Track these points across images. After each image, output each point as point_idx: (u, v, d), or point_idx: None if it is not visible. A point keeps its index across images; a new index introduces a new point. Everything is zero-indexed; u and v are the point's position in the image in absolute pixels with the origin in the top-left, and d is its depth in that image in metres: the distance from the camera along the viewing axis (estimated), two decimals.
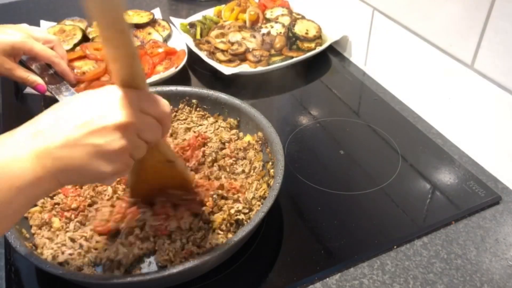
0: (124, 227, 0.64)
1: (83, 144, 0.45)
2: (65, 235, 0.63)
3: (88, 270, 0.60)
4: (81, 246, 0.62)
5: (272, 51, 1.08)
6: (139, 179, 0.63)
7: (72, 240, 0.63)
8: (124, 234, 0.64)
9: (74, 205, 0.66)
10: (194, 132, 0.81)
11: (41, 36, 0.89)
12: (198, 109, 0.85)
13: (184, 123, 0.83)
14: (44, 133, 0.45)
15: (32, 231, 0.65)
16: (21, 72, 0.86)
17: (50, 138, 0.44)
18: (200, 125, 0.82)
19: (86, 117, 0.45)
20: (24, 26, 0.90)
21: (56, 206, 0.67)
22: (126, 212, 0.66)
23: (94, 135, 0.45)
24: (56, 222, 0.65)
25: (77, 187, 0.70)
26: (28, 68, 0.90)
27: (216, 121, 0.83)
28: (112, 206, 0.67)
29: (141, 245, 0.63)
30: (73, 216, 0.66)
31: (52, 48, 0.90)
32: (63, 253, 0.61)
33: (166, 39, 1.16)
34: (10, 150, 0.44)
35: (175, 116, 0.84)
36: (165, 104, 0.50)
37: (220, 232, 0.64)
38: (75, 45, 1.07)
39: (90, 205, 0.68)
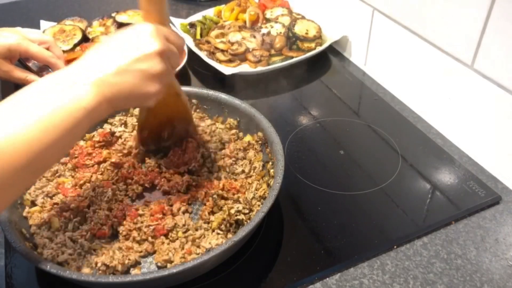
0: (122, 230, 0.64)
1: (132, 69, 0.53)
2: (64, 235, 0.63)
3: (87, 271, 0.60)
4: (81, 246, 0.62)
5: (272, 51, 1.08)
6: (151, 112, 0.70)
7: (72, 240, 0.63)
8: (123, 237, 0.64)
9: (73, 205, 0.66)
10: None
11: (36, 38, 0.90)
12: (197, 110, 0.85)
13: None
14: (96, 65, 0.52)
15: (32, 230, 0.65)
16: (19, 73, 0.86)
17: (103, 68, 0.52)
18: (198, 126, 0.82)
19: (131, 47, 0.54)
20: (19, 29, 0.90)
21: (55, 206, 0.67)
22: (124, 214, 0.66)
23: (140, 62, 0.53)
24: (55, 222, 0.65)
25: (76, 187, 0.70)
26: (27, 68, 0.90)
27: (214, 124, 0.83)
28: (109, 209, 0.66)
29: (139, 247, 0.63)
30: (72, 216, 0.66)
31: (48, 49, 0.90)
32: (63, 253, 0.61)
33: None
34: (70, 79, 0.51)
35: None
36: (181, 37, 0.61)
37: (220, 232, 0.64)
38: (75, 45, 1.07)
39: (88, 206, 0.68)
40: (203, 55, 1.06)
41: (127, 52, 0.54)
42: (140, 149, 0.77)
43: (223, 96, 0.82)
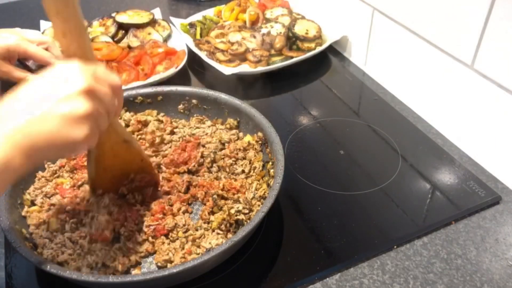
0: (123, 231, 0.64)
1: (51, 115, 0.46)
2: (63, 235, 0.63)
3: (87, 271, 0.59)
4: (81, 247, 0.62)
5: (272, 51, 1.08)
6: (100, 166, 0.62)
7: (72, 241, 0.63)
8: (125, 238, 0.64)
9: (69, 208, 0.66)
10: (192, 135, 0.81)
11: (35, 38, 0.90)
12: (196, 115, 0.85)
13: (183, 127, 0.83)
14: (9, 115, 0.46)
15: (30, 230, 0.65)
16: (19, 73, 0.86)
17: (16, 118, 0.45)
18: (197, 128, 0.82)
19: (48, 91, 0.47)
20: (18, 29, 0.90)
21: (52, 206, 0.67)
22: (125, 216, 0.66)
23: (60, 104, 0.46)
24: (53, 223, 0.65)
25: (74, 187, 0.70)
26: (26, 68, 0.90)
27: (214, 125, 0.83)
28: (109, 213, 0.65)
29: (139, 248, 0.63)
30: (68, 218, 0.65)
31: (47, 49, 0.90)
32: (63, 253, 0.61)
33: (166, 39, 1.16)
34: None
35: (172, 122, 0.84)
36: (116, 77, 0.53)
37: (220, 232, 0.64)
38: None
39: (85, 213, 0.66)
40: (203, 55, 1.06)
41: (43, 95, 0.47)
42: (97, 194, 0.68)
43: (223, 96, 0.82)
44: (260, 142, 0.78)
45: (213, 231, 0.65)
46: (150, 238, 0.64)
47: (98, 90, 0.49)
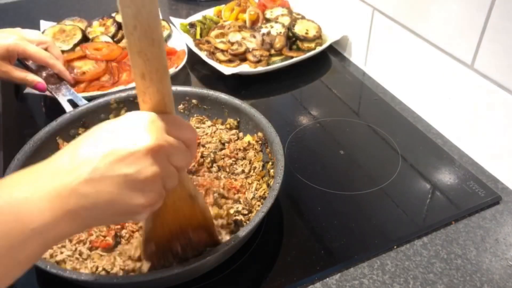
0: (125, 233, 0.64)
1: (112, 175, 0.40)
2: None
3: (86, 271, 0.59)
4: (80, 254, 0.61)
5: (272, 51, 1.08)
6: (158, 220, 0.54)
7: (71, 242, 0.63)
8: (125, 240, 0.64)
9: None
10: None
11: (34, 38, 0.90)
12: (196, 115, 0.85)
13: None
14: (65, 169, 0.40)
15: None
16: (18, 73, 0.86)
17: (73, 174, 0.39)
18: (197, 128, 0.82)
19: (112, 145, 0.40)
20: (17, 29, 0.90)
21: None
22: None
23: (123, 164, 0.40)
24: None
25: None
26: (26, 68, 0.90)
27: (214, 125, 0.83)
28: None
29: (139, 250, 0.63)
30: None
31: (46, 49, 0.90)
32: (61, 253, 0.61)
33: (166, 39, 1.16)
34: (26, 189, 0.39)
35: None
36: (192, 128, 0.47)
37: (220, 232, 0.64)
38: (75, 45, 1.07)
39: None
40: (203, 55, 1.06)
41: (106, 151, 0.40)
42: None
43: (223, 96, 0.82)
44: (260, 142, 0.78)
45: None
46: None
47: (168, 148, 0.43)
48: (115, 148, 0.40)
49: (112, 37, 1.13)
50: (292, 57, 1.06)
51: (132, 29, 0.39)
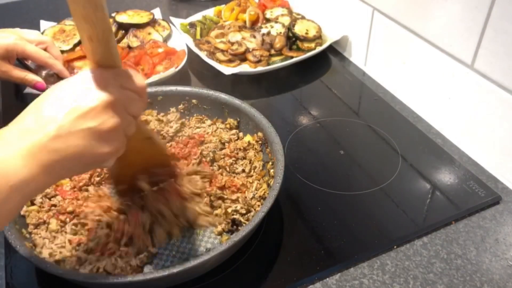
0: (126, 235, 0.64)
1: (77, 130, 0.44)
2: (64, 236, 0.63)
3: (87, 271, 0.59)
4: (79, 258, 0.61)
5: (272, 51, 1.08)
6: (123, 163, 0.58)
7: (71, 243, 0.63)
8: (124, 243, 0.63)
9: (69, 209, 0.66)
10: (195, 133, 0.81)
11: (34, 38, 0.90)
12: (196, 114, 0.85)
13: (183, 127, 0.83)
14: (33, 129, 0.44)
15: (29, 229, 0.64)
16: (18, 73, 0.87)
17: (40, 132, 0.43)
18: (198, 127, 0.82)
19: (72, 103, 0.44)
20: (17, 29, 0.91)
21: (53, 207, 0.67)
22: (126, 227, 0.64)
23: (86, 119, 0.44)
24: (53, 224, 0.65)
25: (75, 189, 0.70)
26: (26, 67, 0.90)
27: (214, 123, 0.83)
28: (109, 226, 0.64)
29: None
30: (68, 219, 0.65)
31: (45, 49, 0.90)
32: (61, 253, 0.61)
33: (166, 39, 1.16)
34: (0, 151, 0.43)
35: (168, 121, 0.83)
36: (141, 77, 0.51)
37: (220, 232, 0.64)
38: (75, 45, 1.07)
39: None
40: (203, 55, 1.06)
41: (68, 109, 0.44)
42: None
43: (223, 96, 0.82)
44: (260, 142, 0.78)
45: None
46: None
47: (124, 99, 0.47)
48: (77, 105, 0.44)
49: None
50: (292, 57, 1.06)
51: None
